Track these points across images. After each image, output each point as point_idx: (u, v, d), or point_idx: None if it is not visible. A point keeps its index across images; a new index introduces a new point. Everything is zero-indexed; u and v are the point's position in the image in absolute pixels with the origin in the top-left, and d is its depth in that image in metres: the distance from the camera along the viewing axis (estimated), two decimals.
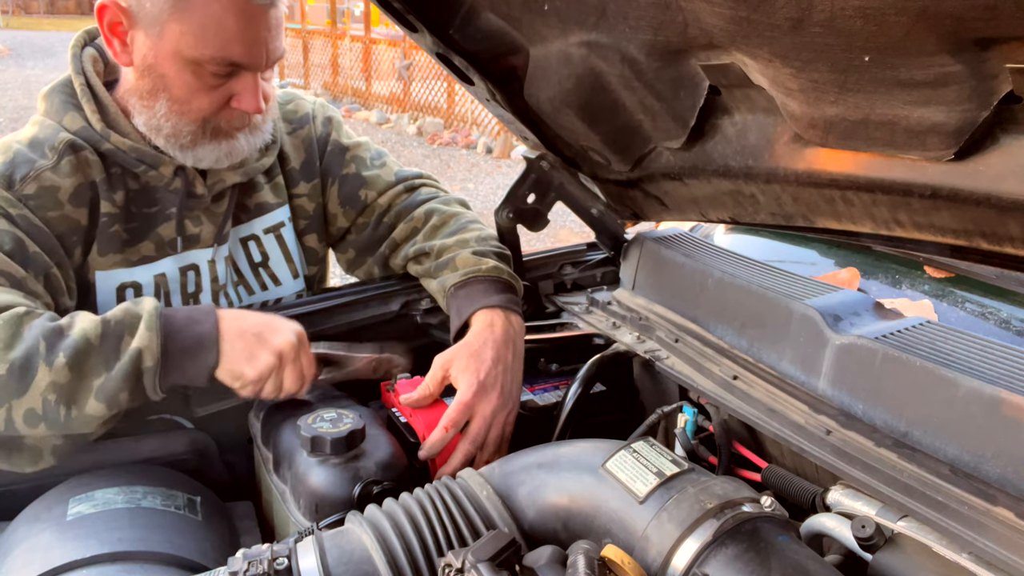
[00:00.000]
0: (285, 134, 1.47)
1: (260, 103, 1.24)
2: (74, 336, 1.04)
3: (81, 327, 1.05)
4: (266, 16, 1.18)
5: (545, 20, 1.06)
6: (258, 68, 1.22)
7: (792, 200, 1.06)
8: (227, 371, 1.10)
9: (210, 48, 1.15)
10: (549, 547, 0.77)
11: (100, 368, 1.04)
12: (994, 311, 1.54)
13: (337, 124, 1.54)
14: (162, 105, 1.22)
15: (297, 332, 1.14)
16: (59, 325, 1.06)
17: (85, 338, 1.04)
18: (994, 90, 0.70)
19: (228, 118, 1.25)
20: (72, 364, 1.02)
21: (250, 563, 0.80)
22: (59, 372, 1.02)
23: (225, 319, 1.12)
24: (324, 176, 1.50)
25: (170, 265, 1.32)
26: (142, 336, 1.06)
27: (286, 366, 1.12)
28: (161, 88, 1.20)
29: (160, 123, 1.23)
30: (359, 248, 1.54)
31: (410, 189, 1.52)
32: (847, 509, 0.89)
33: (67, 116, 1.24)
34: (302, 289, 1.50)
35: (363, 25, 12.98)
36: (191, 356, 1.08)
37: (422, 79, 11.25)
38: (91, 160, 1.23)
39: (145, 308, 1.09)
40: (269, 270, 1.44)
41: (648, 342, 1.26)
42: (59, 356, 1.02)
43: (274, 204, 1.44)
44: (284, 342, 1.11)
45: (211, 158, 1.27)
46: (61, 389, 1.02)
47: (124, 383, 1.04)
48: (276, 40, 1.22)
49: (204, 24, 1.14)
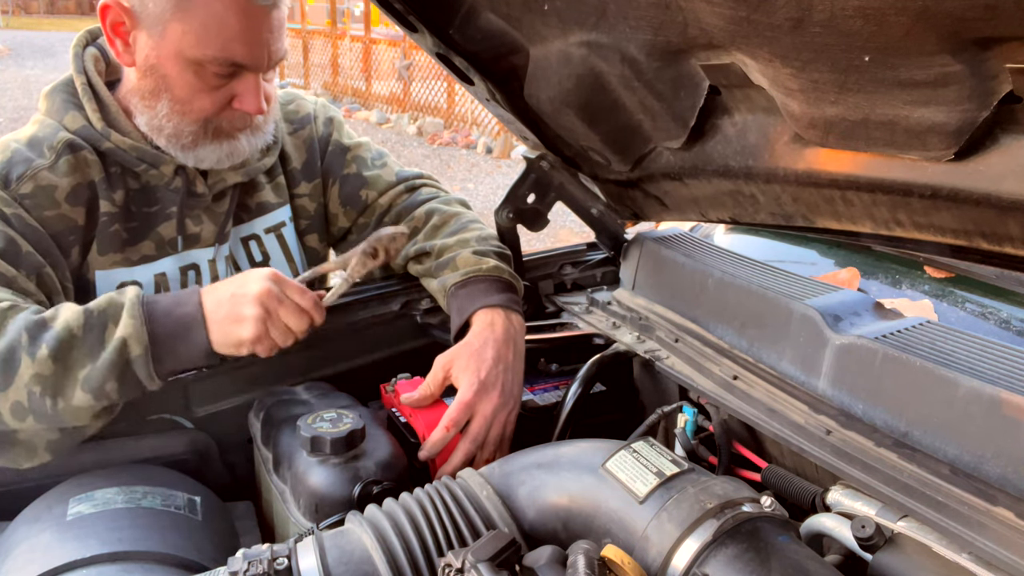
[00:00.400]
0: (287, 134, 1.47)
1: (262, 104, 1.24)
2: (57, 328, 1.04)
3: (64, 318, 1.05)
4: (268, 17, 1.18)
5: (545, 20, 1.06)
6: (260, 69, 1.22)
7: (792, 200, 1.06)
8: (223, 344, 1.09)
9: (212, 48, 1.16)
10: (549, 547, 0.77)
11: (85, 359, 1.04)
12: (994, 311, 1.54)
13: (338, 124, 1.54)
14: (164, 105, 1.22)
15: (269, 275, 1.11)
16: (42, 317, 1.05)
17: (68, 329, 1.04)
18: (994, 90, 0.70)
19: (230, 118, 1.25)
20: (55, 355, 1.02)
21: (250, 563, 0.80)
22: (42, 364, 1.02)
23: (205, 294, 1.11)
24: (325, 176, 1.50)
25: (170, 265, 1.32)
26: (125, 324, 1.05)
27: (276, 310, 1.09)
28: (163, 88, 1.21)
29: (162, 123, 1.23)
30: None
31: (411, 189, 1.52)
32: (847, 509, 0.89)
33: (68, 115, 1.24)
34: None
35: (363, 25, 12.98)
36: (181, 339, 1.08)
37: (422, 79, 11.26)
38: (90, 160, 1.23)
39: (127, 296, 1.08)
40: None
41: (648, 342, 1.26)
42: (42, 348, 1.02)
43: (275, 204, 1.44)
44: (259, 289, 1.09)
45: (212, 158, 1.27)
46: (45, 381, 1.02)
47: (110, 372, 1.04)
48: (278, 41, 1.22)
49: (206, 24, 1.14)
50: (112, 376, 1.04)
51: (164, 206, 1.30)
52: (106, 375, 1.04)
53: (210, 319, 1.09)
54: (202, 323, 1.08)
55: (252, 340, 1.09)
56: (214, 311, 1.09)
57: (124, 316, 1.06)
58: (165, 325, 1.07)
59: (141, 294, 1.10)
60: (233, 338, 1.09)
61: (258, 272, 1.12)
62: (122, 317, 1.06)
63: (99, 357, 1.04)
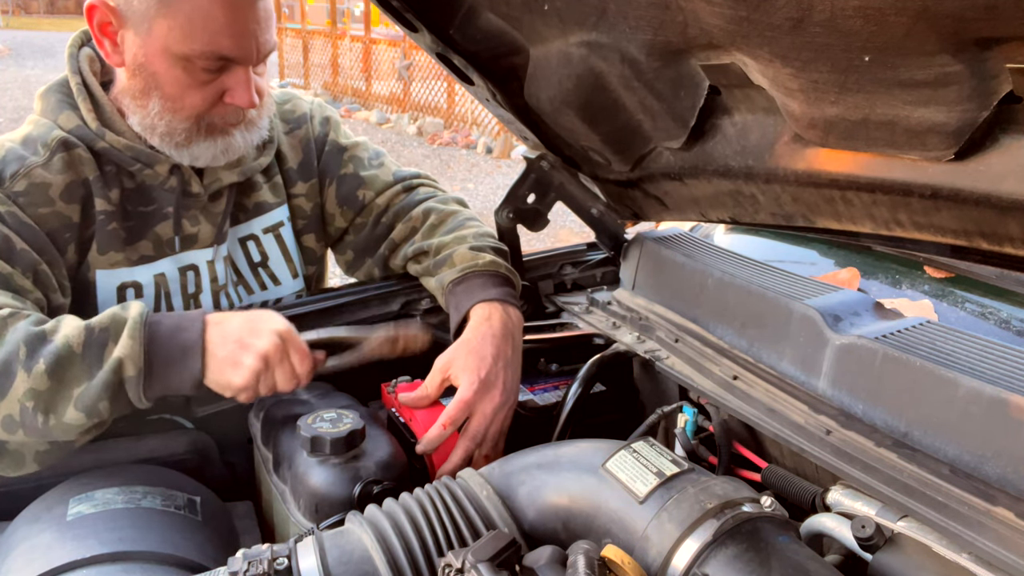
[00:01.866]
0: (283, 134, 1.46)
1: (253, 97, 1.22)
2: (56, 342, 1.02)
3: (64, 333, 1.03)
4: (254, 8, 1.17)
5: (545, 20, 1.06)
6: (249, 61, 1.20)
7: (792, 200, 1.06)
8: (214, 381, 1.07)
9: (199, 42, 1.14)
10: (549, 547, 0.77)
11: (81, 377, 1.02)
12: (994, 311, 1.54)
13: (335, 124, 1.54)
14: (155, 104, 1.21)
15: (280, 331, 1.09)
16: (42, 330, 1.04)
17: (67, 345, 1.02)
18: (994, 90, 0.70)
19: (222, 114, 1.23)
20: (52, 371, 1.01)
21: (250, 563, 0.80)
22: (38, 379, 1.00)
23: (211, 325, 1.08)
24: (322, 176, 1.50)
25: (169, 265, 1.31)
26: (124, 345, 1.03)
27: (274, 368, 1.08)
28: (153, 86, 1.20)
29: (154, 122, 1.22)
30: (358, 249, 1.53)
31: (408, 189, 1.52)
32: (847, 509, 0.89)
33: (63, 115, 1.24)
34: (301, 289, 1.50)
35: (363, 25, 12.98)
36: (175, 366, 1.06)
37: (422, 79, 11.26)
38: (84, 157, 1.23)
39: (131, 314, 1.06)
40: (269, 270, 1.44)
41: (648, 342, 1.26)
42: (39, 363, 1.00)
43: (273, 204, 1.44)
44: (268, 344, 1.07)
45: (207, 155, 1.26)
46: (39, 396, 1.01)
47: (104, 392, 1.02)
48: (266, 32, 1.20)
49: (191, 18, 1.13)
50: (105, 395, 1.03)
51: (160, 206, 1.29)
52: (100, 394, 1.02)
53: (209, 352, 1.07)
54: (200, 354, 1.06)
55: (240, 388, 1.07)
56: (216, 346, 1.07)
57: (124, 336, 1.04)
58: (164, 348, 1.06)
59: (145, 313, 1.07)
60: (224, 380, 1.07)
61: (271, 324, 1.10)
62: (122, 336, 1.04)
63: (95, 376, 1.03)
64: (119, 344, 1.04)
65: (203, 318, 1.09)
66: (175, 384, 1.07)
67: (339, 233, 1.54)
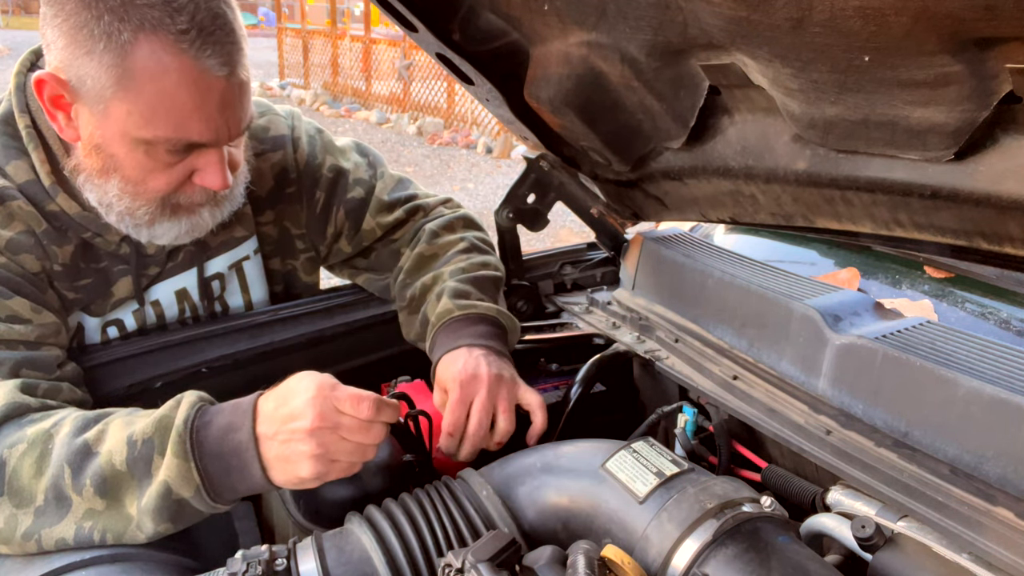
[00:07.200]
0: (253, 155, 1.30)
1: (226, 178, 1.08)
2: (100, 461, 0.90)
3: (108, 448, 0.91)
4: (227, 86, 1.01)
5: (545, 20, 1.06)
6: (220, 144, 1.06)
7: (792, 200, 1.06)
8: (285, 482, 0.91)
9: (162, 129, 1.00)
10: (549, 547, 0.77)
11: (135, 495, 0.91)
12: (994, 311, 1.54)
13: (328, 144, 1.41)
14: (114, 185, 1.06)
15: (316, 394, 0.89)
16: (85, 442, 0.91)
17: (111, 463, 0.90)
18: (994, 90, 0.70)
19: (189, 193, 1.10)
20: (100, 490, 0.90)
21: (249, 564, 0.80)
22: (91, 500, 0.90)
23: (260, 419, 0.91)
24: (327, 203, 1.39)
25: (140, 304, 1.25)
26: (169, 466, 0.88)
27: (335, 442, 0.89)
28: (112, 168, 1.05)
29: (112, 201, 1.08)
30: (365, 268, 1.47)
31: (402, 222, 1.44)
32: (847, 509, 0.89)
33: (11, 164, 1.08)
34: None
35: (363, 25, 13.00)
36: (235, 474, 0.91)
37: (422, 79, 11.27)
38: (25, 210, 1.09)
39: (175, 422, 0.90)
40: (223, 301, 1.36)
41: (648, 342, 1.26)
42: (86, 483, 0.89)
43: (240, 238, 1.33)
44: (310, 420, 0.88)
45: (170, 235, 1.13)
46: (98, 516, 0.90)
47: (160, 516, 0.89)
48: (240, 111, 1.06)
49: (153, 104, 0.98)
50: (165, 518, 0.90)
51: (112, 264, 1.19)
52: (158, 518, 0.89)
53: (264, 455, 0.90)
54: (255, 456, 0.90)
55: (314, 478, 0.89)
56: (266, 447, 0.90)
57: (168, 454, 0.89)
58: (217, 459, 0.90)
59: (191, 417, 0.91)
60: (293, 478, 0.90)
61: (305, 391, 0.89)
62: (167, 454, 0.89)
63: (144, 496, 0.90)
64: (164, 464, 0.89)
65: (254, 406, 0.92)
66: (245, 488, 0.92)
67: (344, 257, 1.46)
